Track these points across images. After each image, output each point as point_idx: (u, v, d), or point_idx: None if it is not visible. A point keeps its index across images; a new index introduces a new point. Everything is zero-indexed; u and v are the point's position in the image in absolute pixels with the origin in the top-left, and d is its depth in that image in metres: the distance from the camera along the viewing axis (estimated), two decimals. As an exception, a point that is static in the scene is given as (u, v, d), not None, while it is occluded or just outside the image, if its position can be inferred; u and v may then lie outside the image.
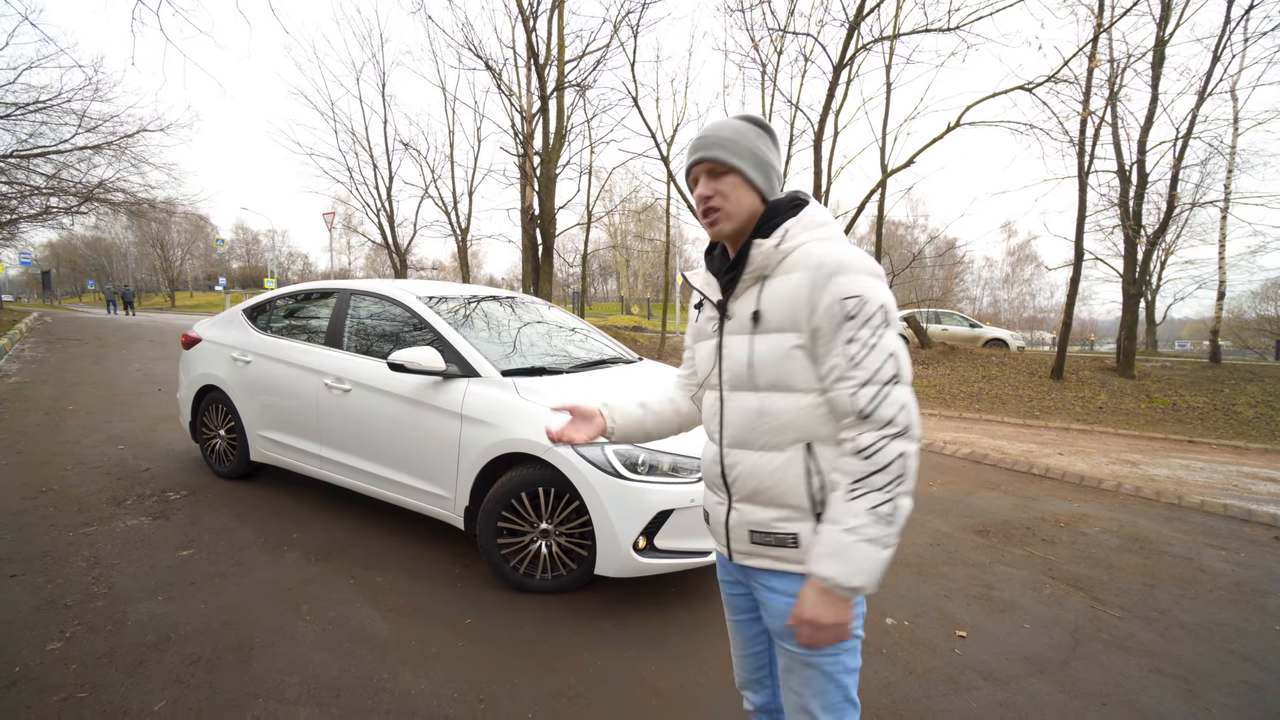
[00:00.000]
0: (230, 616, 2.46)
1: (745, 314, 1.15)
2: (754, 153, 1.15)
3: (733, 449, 1.18)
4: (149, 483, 3.99)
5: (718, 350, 1.20)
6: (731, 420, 1.18)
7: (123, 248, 55.17)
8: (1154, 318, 24.85)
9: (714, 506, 1.26)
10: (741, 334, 1.15)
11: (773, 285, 1.12)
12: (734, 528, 1.19)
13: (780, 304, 1.09)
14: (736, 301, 1.17)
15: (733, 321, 1.17)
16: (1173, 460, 6.18)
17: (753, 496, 1.16)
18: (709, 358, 1.23)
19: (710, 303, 1.23)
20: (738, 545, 1.20)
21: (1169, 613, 2.89)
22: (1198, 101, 10.02)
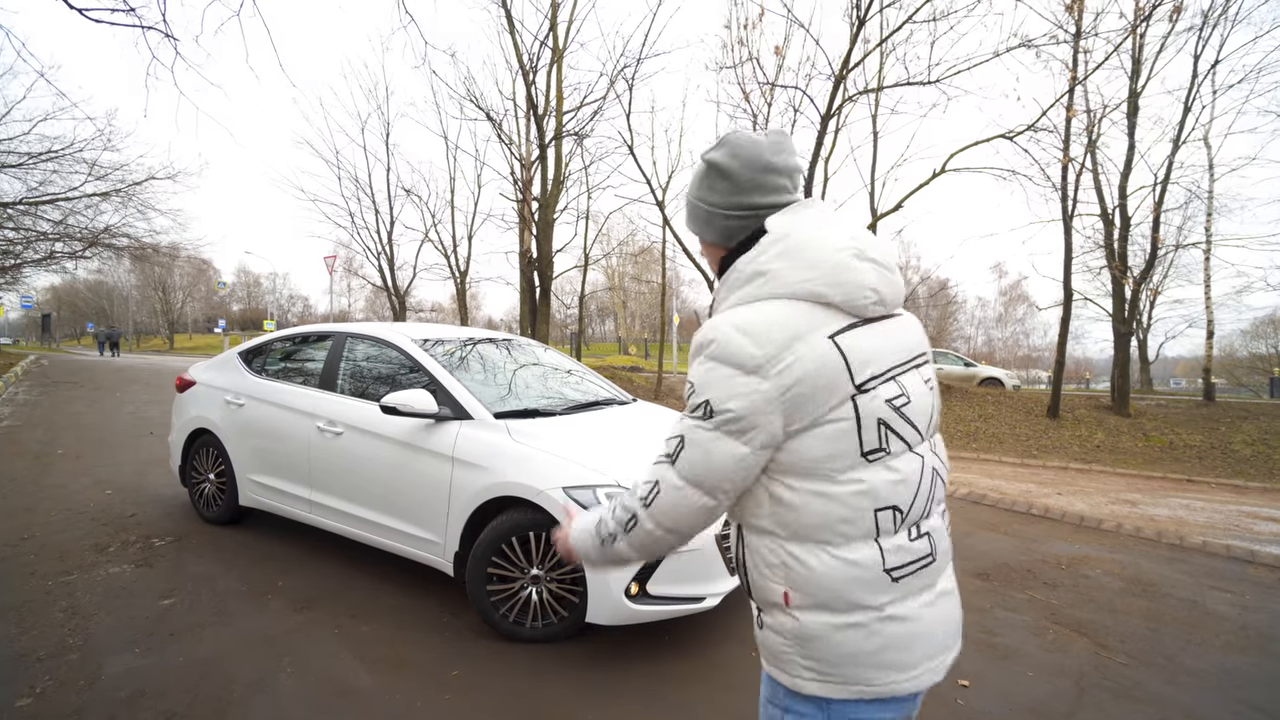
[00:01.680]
0: (209, 669, 2.38)
1: None
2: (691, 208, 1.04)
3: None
4: (134, 529, 3.91)
5: None
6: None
7: (124, 290, 55.64)
8: (1147, 356, 25.04)
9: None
10: None
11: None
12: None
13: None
14: None
15: None
16: (1172, 499, 6.12)
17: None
18: None
19: None
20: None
21: (1176, 659, 2.82)
22: (1173, 149, 10.40)
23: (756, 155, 0.95)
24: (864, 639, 0.89)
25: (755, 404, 0.85)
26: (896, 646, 0.89)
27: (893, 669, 0.89)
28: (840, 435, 0.87)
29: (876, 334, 0.91)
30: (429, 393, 2.97)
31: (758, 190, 0.96)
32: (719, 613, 2.89)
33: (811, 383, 0.85)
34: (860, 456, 0.88)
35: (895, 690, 0.90)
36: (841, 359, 0.86)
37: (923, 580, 0.92)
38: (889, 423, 0.89)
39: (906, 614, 0.90)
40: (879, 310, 0.92)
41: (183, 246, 22.60)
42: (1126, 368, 11.62)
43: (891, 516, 0.89)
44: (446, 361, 3.29)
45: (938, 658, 0.93)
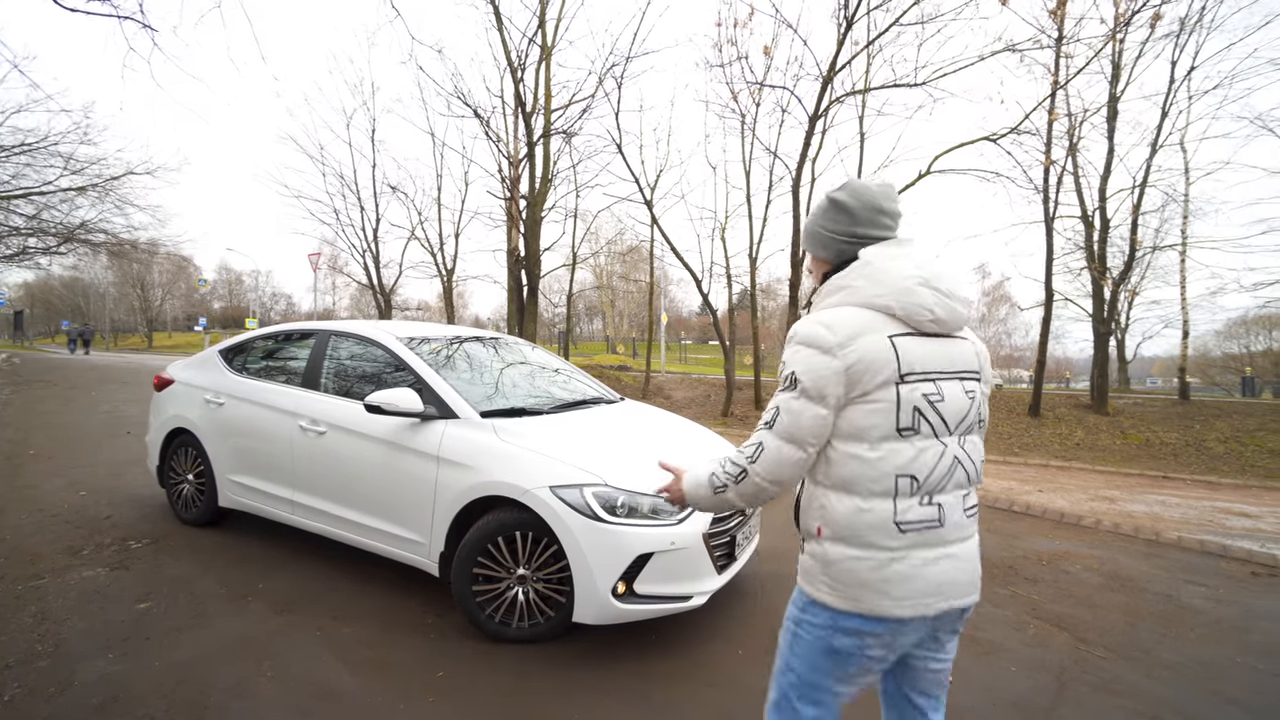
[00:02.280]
0: (186, 674, 2.33)
1: None
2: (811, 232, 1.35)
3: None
4: (109, 531, 3.83)
5: None
6: None
7: (101, 288, 54.38)
8: (1125, 356, 25.51)
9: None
10: None
11: None
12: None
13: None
14: None
15: None
16: (1149, 496, 6.25)
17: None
18: None
19: None
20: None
21: (1152, 652, 2.87)
22: (1150, 153, 10.61)
23: (871, 198, 1.26)
24: (869, 570, 1.16)
25: (826, 376, 1.15)
26: (893, 581, 1.16)
27: (885, 597, 1.16)
28: (882, 411, 1.15)
29: (929, 345, 1.20)
30: (414, 391, 2.94)
31: (868, 225, 1.26)
32: (706, 612, 2.89)
33: (867, 363, 1.14)
34: (895, 431, 1.15)
35: (883, 612, 1.17)
36: (894, 353, 1.16)
37: (928, 539, 1.18)
38: (922, 410, 1.16)
39: (909, 561, 1.16)
40: (934, 328, 1.20)
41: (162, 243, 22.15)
42: (1105, 367, 11.84)
43: (909, 483, 1.16)
44: (432, 360, 3.25)
45: (926, 599, 1.17)
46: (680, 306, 54.49)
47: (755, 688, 2.39)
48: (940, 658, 1.31)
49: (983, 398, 1.28)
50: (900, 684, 1.36)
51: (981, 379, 1.27)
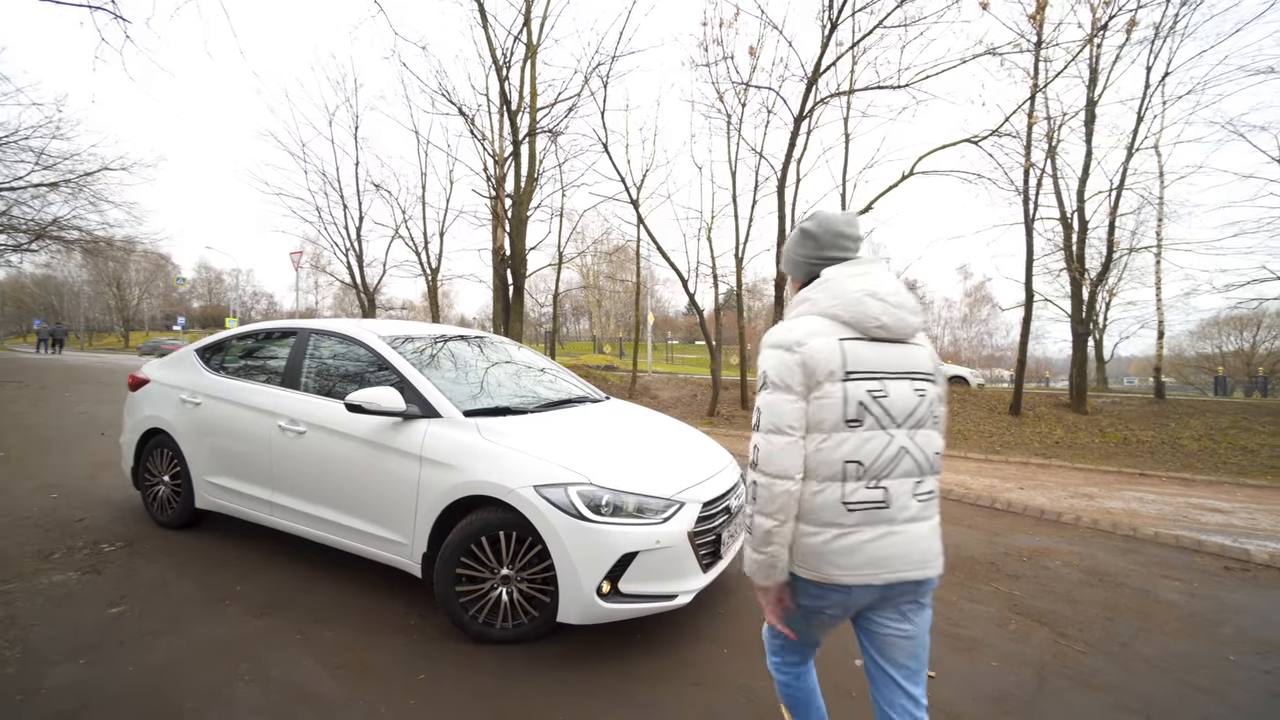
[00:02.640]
0: (160, 680, 2.28)
1: None
2: (789, 255, 1.58)
3: None
4: (82, 534, 3.73)
5: None
6: None
7: (75, 286, 53.14)
8: (1103, 356, 26.01)
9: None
10: None
11: None
12: None
13: None
14: None
15: None
16: (1126, 493, 6.37)
17: None
18: None
19: None
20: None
21: (1130, 646, 2.92)
22: (1127, 156, 10.82)
23: (834, 226, 1.49)
24: (822, 544, 1.36)
25: (790, 368, 1.36)
26: (840, 554, 1.35)
27: (835, 566, 1.35)
28: (831, 405, 1.34)
29: (878, 349, 1.39)
30: (396, 390, 2.90)
31: (831, 248, 1.49)
32: (691, 610, 2.89)
33: (817, 360, 1.35)
34: (843, 422, 1.34)
35: (834, 580, 1.36)
36: (841, 353, 1.36)
37: (874, 518, 1.35)
38: (866, 405, 1.35)
39: (855, 537, 1.35)
40: (882, 334, 1.39)
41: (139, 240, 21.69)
42: (1084, 366, 12.05)
43: (856, 468, 1.34)
44: (415, 359, 3.21)
45: (870, 570, 1.35)
46: (667, 306, 54.56)
47: (741, 686, 2.39)
48: (904, 627, 1.43)
49: (935, 397, 1.45)
50: (876, 657, 1.48)
51: (935, 381, 1.45)
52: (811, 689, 1.72)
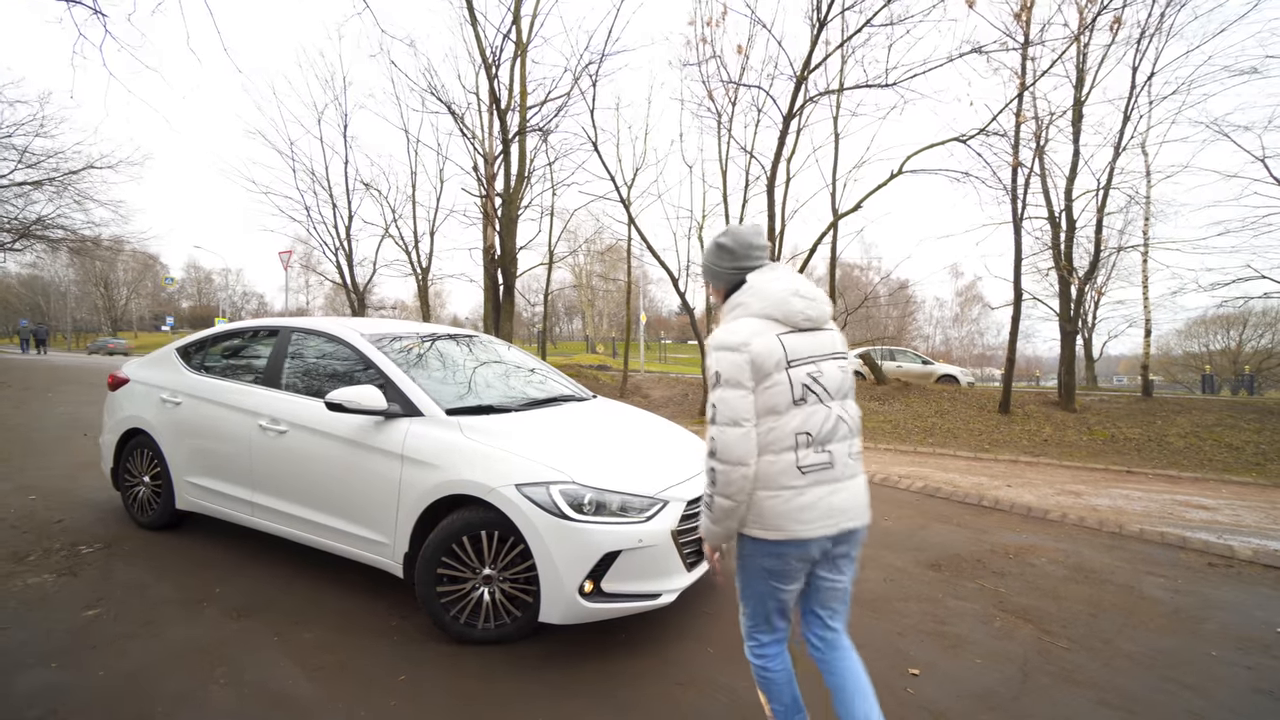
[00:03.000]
0: (132, 683, 2.24)
1: None
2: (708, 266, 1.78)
3: None
4: (59, 536, 3.67)
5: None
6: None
7: (62, 286, 52.54)
8: (1092, 354, 26.27)
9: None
10: None
11: None
12: None
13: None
14: None
15: None
16: (1113, 490, 6.41)
17: None
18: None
19: None
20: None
21: (1113, 643, 2.93)
22: (1114, 156, 10.91)
23: (745, 238, 1.72)
24: (782, 504, 1.58)
25: (739, 366, 1.56)
26: (801, 510, 1.57)
27: (798, 522, 1.57)
28: (781, 390, 1.57)
29: (806, 337, 1.64)
30: (378, 389, 2.86)
31: (745, 259, 1.71)
32: (675, 610, 2.87)
33: (763, 356, 1.57)
34: (792, 402, 1.58)
35: (794, 535, 1.57)
36: (781, 347, 1.59)
37: (822, 478, 1.60)
38: (809, 385, 1.60)
39: (810, 494, 1.58)
40: (807, 324, 1.64)
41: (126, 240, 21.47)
42: (1072, 365, 12.14)
43: (806, 438, 1.59)
44: (398, 357, 3.18)
45: (826, 521, 1.58)
46: (659, 306, 54.52)
47: (725, 686, 2.38)
48: (838, 579, 1.71)
49: (848, 371, 1.73)
50: (812, 604, 1.75)
51: (847, 357, 1.73)
52: (787, 673, 1.79)
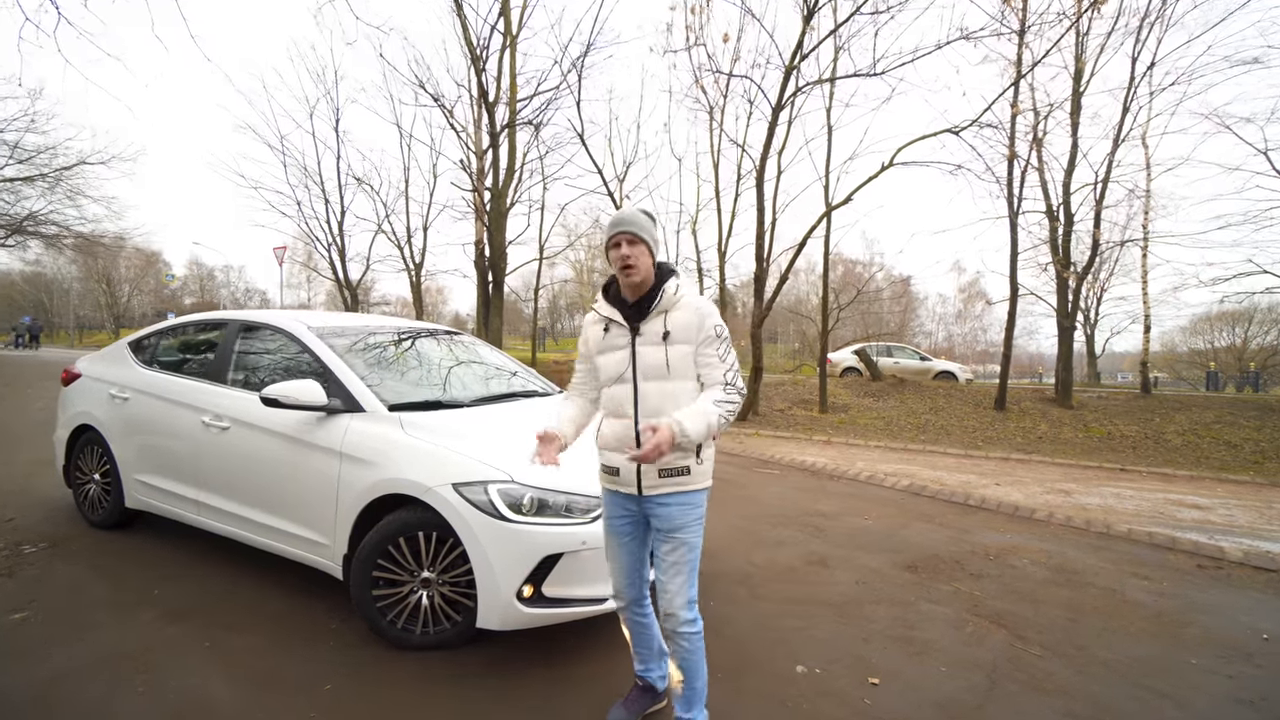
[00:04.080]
0: (47, 691, 2.13)
1: (656, 333, 1.81)
2: (652, 233, 1.86)
3: (647, 417, 1.77)
4: (6, 535, 3.57)
5: (632, 356, 1.83)
6: (647, 400, 1.81)
7: (65, 283, 52.63)
8: (1094, 351, 26.01)
9: (623, 461, 1.83)
10: (653, 345, 1.81)
11: (672, 316, 1.82)
12: (645, 471, 1.81)
13: (681, 328, 1.81)
14: (647, 324, 1.83)
15: (644, 337, 1.82)
16: (1105, 489, 6.26)
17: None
18: (623, 361, 1.84)
19: (622, 325, 1.85)
20: (648, 483, 1.82)
21: (1088, 649, 2.79)
22: (1113, 148, 10.71)
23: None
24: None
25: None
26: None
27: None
28: None
29: None
30: (317, 383, 2.74)
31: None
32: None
33: None
34: None
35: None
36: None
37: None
38: None
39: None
40: None
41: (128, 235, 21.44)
42: (1069, 361, 11.96)
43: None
44: (345, 352, 3.05)
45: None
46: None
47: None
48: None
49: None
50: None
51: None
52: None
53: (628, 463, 1.80)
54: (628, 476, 1.84)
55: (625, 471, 1.84)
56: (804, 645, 2.69)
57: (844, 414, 10.97)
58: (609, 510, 1.96)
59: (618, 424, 1.86)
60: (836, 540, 4.20)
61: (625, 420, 1.83)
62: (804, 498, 5.34)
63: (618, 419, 1.86)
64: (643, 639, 2.07)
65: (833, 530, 4.42)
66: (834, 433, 9.32)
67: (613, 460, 1.88)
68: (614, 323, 1.86)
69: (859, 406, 11.63)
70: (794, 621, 2.92)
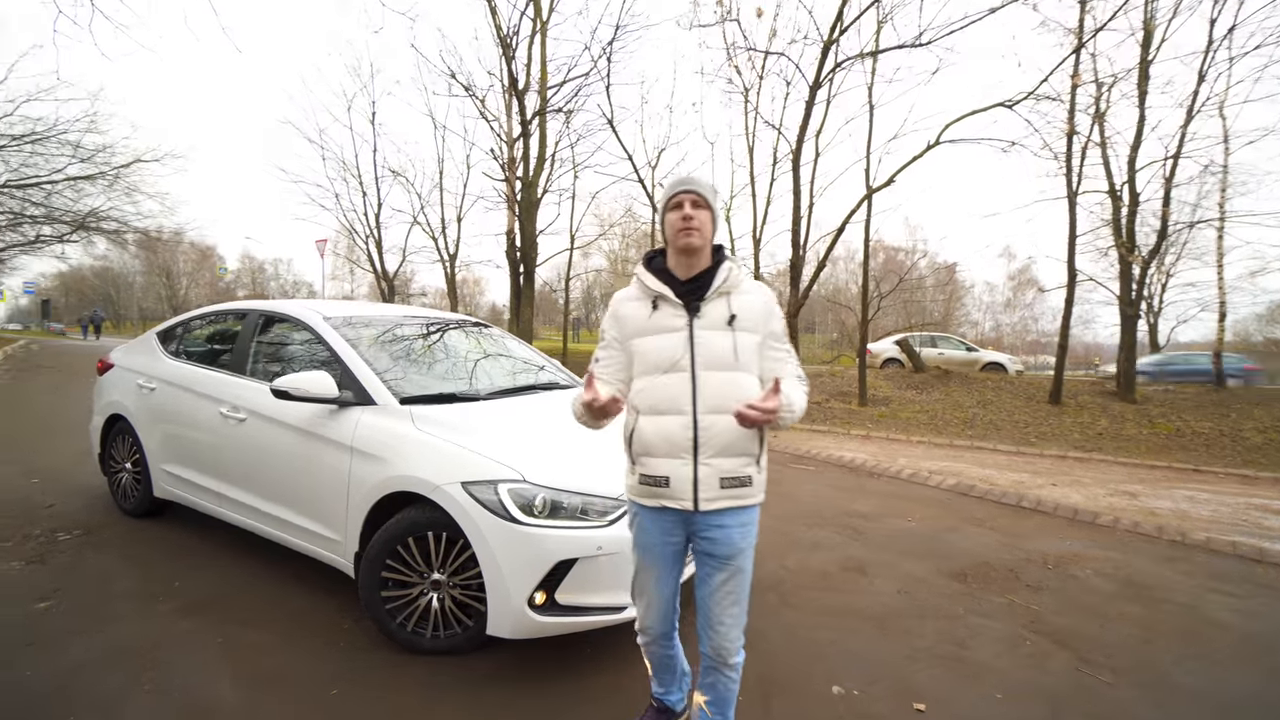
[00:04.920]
0: (57, 687, 2.10)
1: (721, 316, 1.56)
2: (715, 201, 1.62)
3: (709, 414, 1.52)
4: (43, 521, 3.64)
5: (690, 340, 1.55)
6: (708, 392, 1.52)
7: (129, 276, 55.74)
8: (1158, 341, 24.40)
9: (676, 469, 1.54)
10: (717, 330, 1.55)
11: (737, 300, 1.58)
12: (703, 481, 1.53)
13: (749, 314, 1.57)
14: (709, 304, 1.56)
15: (704, 320, 1.56)
16: (1176, 491, 5.75)
17: (722, 451, 1.53)
18: (678, 346, 1.55)
19: (677, 304, 1.57)
20: (707, 494, 1.54)
21: (1168, 676, 2.48)
22: (1185, 120, 9.83)
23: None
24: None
25: None
26: None
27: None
28: None
29: None
30: (329, 375, 2.65)
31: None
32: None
33: None
34: None
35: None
36: None
37: None
38: None
39: None
40: None
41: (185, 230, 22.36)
42: (1133, 351, 11.16)
43: None
44: (361, 343, 2.96)
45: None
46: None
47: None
48: None
49: None
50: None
51: None
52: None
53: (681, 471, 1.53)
54: (680, 488, 1.53)
55: (678, 481, 1.53)
56: (841, 662, 2.47)
57: (884, 407, 10.52)
58: (647, 534, 1.63)
59: (668, 422, 1.53)
60: (876, 544, 3.93)
61: (680, 417, 1.52)
62: (841, 496, 5.07)
63: (667, 415, 1.54)
64: (666, 667, 1.85)
65: (872, 533, 4.15)
66: (874, 427, 8.93)
67: (658, 467, 1.55)
68: (665, 300, 1.57)
69: (901, 399, 11.14)
70: (829, 634, 2.70)
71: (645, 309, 1.60)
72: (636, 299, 1.63)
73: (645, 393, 1.58)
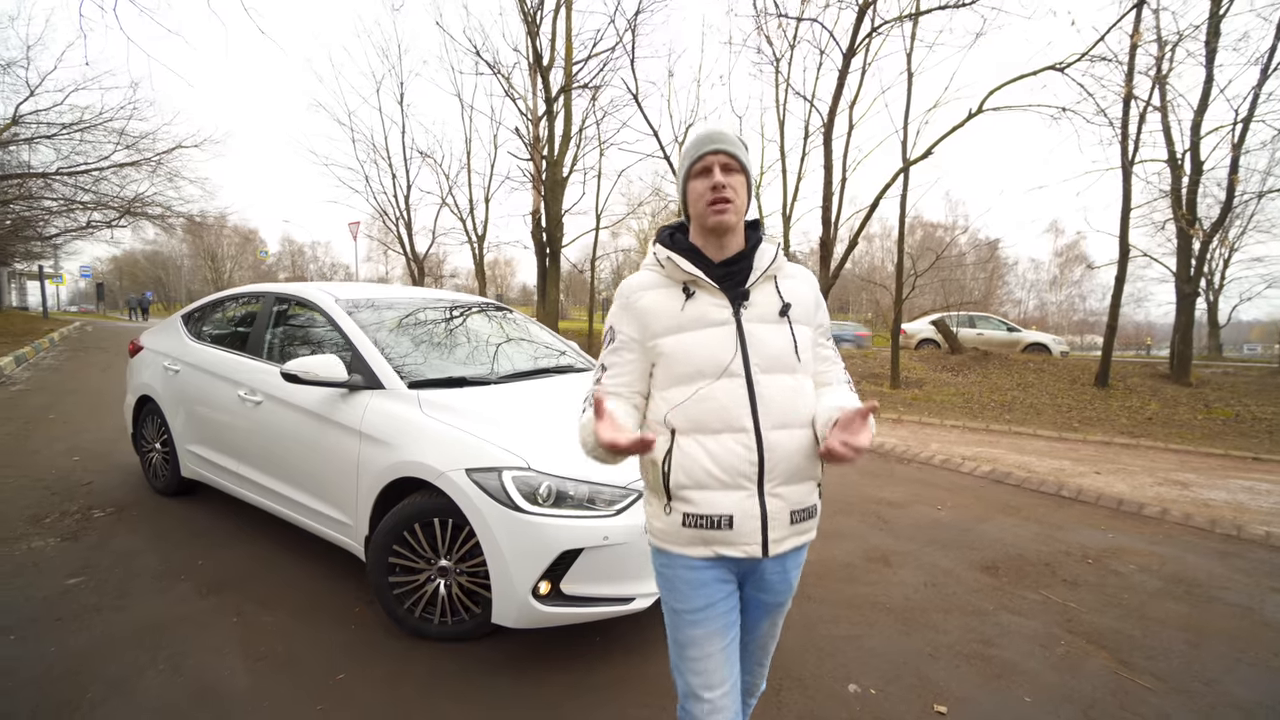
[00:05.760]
0: (77, 663, 2.16)
1: (772, 305, 1.23)
2: (751, 168, 1.26)
3: (774, 431, 1.18)
4: (81, 498, 3.79)
5: (739, 336, 1.20)
6: (773, 402, 1.18)
7: (177, 260, 58.05)
8: (1216, 320, 23.05)
9: (739, 504, 1.17)
10: (771, 323, 1.22)
11: (786, 285, 1.26)
12: (773, 517, 1.19)
13: (800, 302, 1.26)
14: (758, 291, 1.23)
15: (754, 310, 1.22)
16: (1233, 481, 5.39)
17: (790, 477, 1.20)
18: (726, 344, 1.19)
19: (716, 290, 1.21)
20: (776, 534, 1.20)
21: (1218, 684, 2.30)
22: (1260, 79, 9.01)
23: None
24: None
25: None
26: None
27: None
28: None
29: None
30: (338, 358, 2.63)
31: None
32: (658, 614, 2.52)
33: None
34: None
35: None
36: None
37: None
38: None
39: None
40: None
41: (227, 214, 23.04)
42: (1189, 332, 10.50)
43: None
44: (371, 325, 2.93)
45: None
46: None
47: None
48: None
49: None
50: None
51: None
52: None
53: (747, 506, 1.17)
54: (746, 528, 1.17)
55: (744, 520, 1.17)
56: (858, 659, 2.37)
57: (918, 389, 10.18)
58: (699, 592, 1.21)
59: (723, 443, 1.17)
60: (903, 533, 3.78)
61: (739, 435, 1.16)
62: (868, 483, 4.90)
63: (721, 434, 1.17)
64: None
65: (899, 522, 4.00)
66: (905, 410, 8.64)
67: (714, 504, 1.17)
68: (701, 286, 1.22)
69: (935, 381, 10.76)
70: (848, 629, 2.60)
71: (675, 299, 1.22)
72: (660, 286, 1.25)
73: (685, 406, 1.19)
